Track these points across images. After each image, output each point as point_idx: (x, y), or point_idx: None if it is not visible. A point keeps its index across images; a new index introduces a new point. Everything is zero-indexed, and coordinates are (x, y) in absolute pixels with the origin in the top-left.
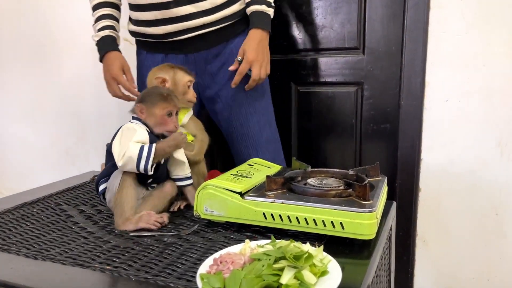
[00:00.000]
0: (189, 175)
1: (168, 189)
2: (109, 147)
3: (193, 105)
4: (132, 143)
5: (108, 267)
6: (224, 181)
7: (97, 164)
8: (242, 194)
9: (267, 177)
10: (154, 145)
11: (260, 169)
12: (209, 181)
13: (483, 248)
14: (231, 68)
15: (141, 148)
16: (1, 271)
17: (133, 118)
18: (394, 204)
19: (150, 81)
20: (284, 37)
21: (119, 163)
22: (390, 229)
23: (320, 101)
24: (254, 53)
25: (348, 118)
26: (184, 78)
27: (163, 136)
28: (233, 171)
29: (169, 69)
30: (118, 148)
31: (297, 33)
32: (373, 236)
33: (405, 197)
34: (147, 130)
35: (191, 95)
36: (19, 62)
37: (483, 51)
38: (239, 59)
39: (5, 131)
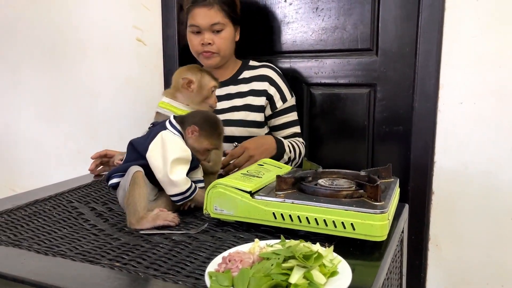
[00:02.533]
0: (202, 178)
1: None
2: (140, 149)
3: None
4: (185, 178)
5: (117, 264)
6: (234, 180)
7: None
8: (252, 194)
9: (278, 176)
10: (197, 191)
11: (270, 169)
12: (219, 180)
13: (497, 253)
14: (227, 152)
15: (189, 188)
16: (12, 265)
17: (170, 124)
18: (407, 206)
19: (176, 79)
20: (297, 38)
21: (162, 177)
22: (402, 232)
23: (332, 103)
24: (254, 145)
25: (361, 120)
26: (210, 83)
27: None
28: (243, 170)
29: (197, 71)
30: (161, 160)
31: (310, 34)
32: (384, 238)
33: (417, 200)
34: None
35: (213, 100)
36: (33, 63)
37: (499, 52)
38: (235, 144)
39: (19, 130)
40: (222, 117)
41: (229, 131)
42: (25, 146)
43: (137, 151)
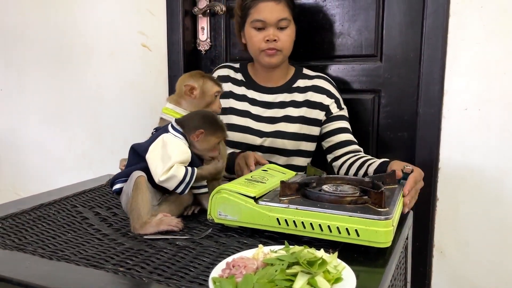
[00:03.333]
0: (205, 183)
1: (185, 196)
2: (140, 151)
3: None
4: (177, 166)
5: (121, 268)
6: (238, 185)
7: (113, 168)
8: (256, 199)
9: (282, 182)
10: (195, 171)
11: (274, 174)
12: (223, 185)
13: (503, 261)
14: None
15: (186, 172)
16: (16, 270)
17: (172, 127)
18: (411, 212)
19: (179, 86)
20: (301, 44)
21: (159, 177)
22: (407, 238)
23: None
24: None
25: (365, 126)
26: (213, 89)
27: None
28: (248, 176)
29: (199, 78)
30: (160, 161)
31: (314, 40)
32: (388, 244)
33: (422, 206)
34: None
35: (217, 106)
36: (39, 67)
37: (504, 58)
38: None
39: (24, 134)
40: (274, 127)
41: (281, 143)
42: (30, 150)
43: (138, 154)
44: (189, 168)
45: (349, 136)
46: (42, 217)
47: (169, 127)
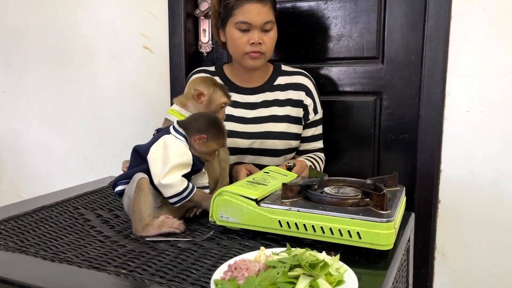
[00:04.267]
0: (207, 184)
1: None
2: (142, 152)
3: None
4: (182, 179)
5: (123, 270)
6: (240, 187)
7: (114, 170)
8: (257, 201)
9: (283, 184)
10: (194, 191)
11: (276, 176)
12: (225, 188)
13: (505, 263)
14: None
15: (186, 187)
16: (18, 272)
17: (174, 129)
18: (413, 215)
19: (189, 89)
20: (303, 46)
21: (160, 180)
22: (408, 241)
23: (338, 111)
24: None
25: (366, 128)
26: (220, 99)
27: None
28: (249, 178)
29: (210, 85)
30: (160, 163)
31: (316, 42)
32: (390, 247)
33: (424, 209)
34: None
35: (222, 116)
36: (41, 70)
37: (505, 60)
38: (291, 164)
39: (27, 136)
40: (263, 127)
41: (272, 144)
42: (32, 152)
43: (140, 156)
44: (191, 185)
45: (317, 145)
46: (44, 219)
47: (171, 129)
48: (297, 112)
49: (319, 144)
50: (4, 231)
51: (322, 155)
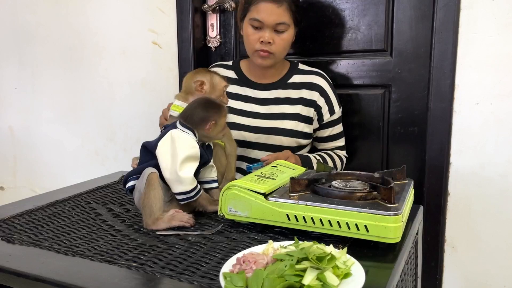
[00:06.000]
0: (216, 178)
1: None
2: (150, 147)
3: None
4: (193, 178)
5: (134, 264)
6: (248, 182)
7: (125, 165)
8: (266, 195)
9: (291, 178)
10: (201, 193)
11: (284, 170)
12: (234, 182)
13: None
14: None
15: (194, 188)
16: (32, 265)
17: (180, 123)
18: (421, 208)
19: (187, 83)
20: (311, 39)
21: (170, 175)
22: (417, 234)
23: (346, 104)
24: (294, 160)
25: (375, 121)
26: (221, 83)
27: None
28: (257, 172)
29: (205, 73)
30: (169, 157)
31: (324, 35)
32: (398, 240)
33: (433, 201)
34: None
35: (226, 98)
36: (52, 66)
37: None
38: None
39: (39, 132)
40: (271, 123)
41: (278, 140)
42: (44, 148)
43: (149, 152)
44: (199, 187)
45: (336, 144)
46: (57, 214)
47: (177, 123)
48: (308, 111)
49: (338, 143)
50: (18, 225)
51: (341, 152)
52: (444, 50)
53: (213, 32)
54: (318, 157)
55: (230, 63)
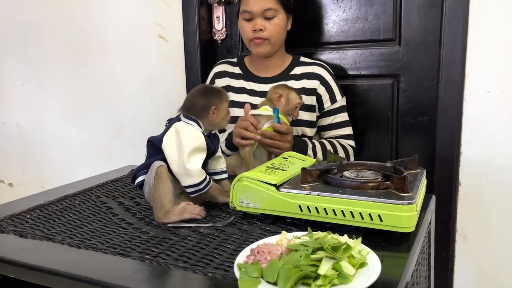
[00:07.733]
0: (225, 168)
1: None
2: (156, 142)
3: None
4: (201, 170)
5: (147, 256)
6: (259, 173)
7: (132, 160)
8: (277, 186)
9: (303, 169)
10: (211, 184)
11: (294, 162)
12: (245, 173)
13: None
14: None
15: (203, 180)
16: (46, 259)
17: (185, 116)
18: (433, 197)
19: (270, 95)
20: (318, 30)
21: (178, 168)
22: (430, 223)
23: (355, 94)
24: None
25: (384, 111)
26: (296, 100)
27: (210, 132)
28: (268, 163)
29: (284, 88)
30: (175, 150)
31: (331, 25)
32: (412, 229)
33: (444, 191)
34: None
35: (296, 114)
36: (58, 62)
37: None
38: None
39: (47, 128)
40: None
41: None
42: (52, 144)
43: (155, 146)
44: (208, 179)
45: (340, 132)
46: (68, 208)
47: (181, 116)
48: (311, 100)
49: (342, 131)
50: (30, 220)
51: (346, 142)
52: (454, 38)
53: (219, 24)
54: (317, 143)
55: (234, 59)
